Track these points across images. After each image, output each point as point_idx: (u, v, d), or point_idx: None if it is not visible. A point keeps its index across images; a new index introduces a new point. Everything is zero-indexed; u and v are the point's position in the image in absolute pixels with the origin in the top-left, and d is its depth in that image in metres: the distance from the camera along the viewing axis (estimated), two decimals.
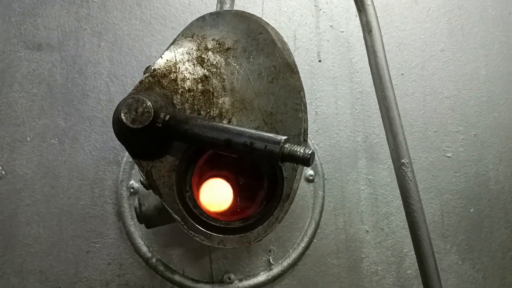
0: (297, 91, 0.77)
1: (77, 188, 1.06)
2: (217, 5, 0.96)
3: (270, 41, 0.78)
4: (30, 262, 1.03)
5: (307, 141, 0.75)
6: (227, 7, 0.97)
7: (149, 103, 0.65)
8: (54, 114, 1.08)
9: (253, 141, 0.65)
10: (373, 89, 1.16)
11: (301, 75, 1.12)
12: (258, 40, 0.78)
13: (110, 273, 1.05)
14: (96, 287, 1.04)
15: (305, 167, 1.08)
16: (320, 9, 1.14)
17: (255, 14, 1.12)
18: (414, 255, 1.12)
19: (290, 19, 1.13)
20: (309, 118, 1.11)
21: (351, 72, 1.15)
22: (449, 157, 1.18)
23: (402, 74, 1.18)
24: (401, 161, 0.93)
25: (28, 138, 1.07)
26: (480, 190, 1.20)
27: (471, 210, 1.18)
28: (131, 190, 1.05)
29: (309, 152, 0.62)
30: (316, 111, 1.13)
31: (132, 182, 1.06)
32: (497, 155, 1.23)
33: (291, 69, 0.77)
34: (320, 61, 1.14)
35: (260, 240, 0.74)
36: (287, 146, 0.63)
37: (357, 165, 1.13)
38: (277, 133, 0.71)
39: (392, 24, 1.18)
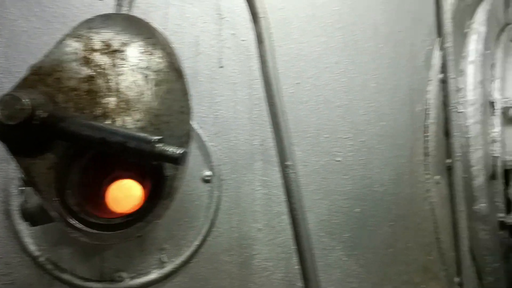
0: (183, 94, 0.81)
1: None
2: (115, 7, 0.98)
3: (158, 45, 0.82)
4: None
5: (190, 142, 0.79)
6: (124, 10, 0.99)
7: (25, 100, 0.66)
8: None
9: (127, 140, 0.68)
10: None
11: (202, 79, 1.17)
12: (146, 44, 0.81)
13: None
14: None
15: (203, 169, 1.12)
16: (223, 18, 1.19)
17: (157, 18, 1.15)
18: None
19: (193, 25, 1.17)
20: (208, 121, 1.17)
21: (251, 79, 1.22)
22: (338, 161, 1.28)
23: (298, 83, 1.26)
24: (285, 163, 1.01)
25: None
26: (365, 191, 1.31)
27: (357, 210, 1.29)
28: (21, 188, 1.04)
29: (180, 152, 0.66)
30: (215, 115, 1.18)
31: None
32: (382, 160, 1.35)
33: (179, 73, 0.81)
34: (221, 67, 1.19)
35: (140, 236, 0.77)
36: (158, 145, 0.67)
37: (253, 167, 1.20)
38: (162, 134, 0.75)
39: (291, 36, 1.26)
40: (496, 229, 1.61)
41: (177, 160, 0.66)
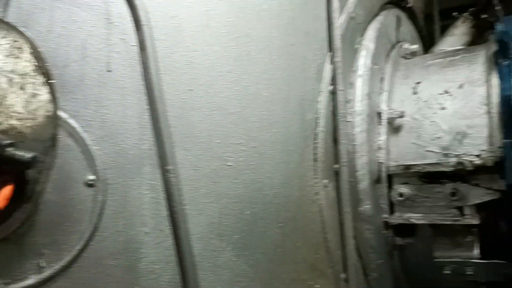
0: (50, 99, 0.81)
1: None
2: None
3: (25, 49, 0.81)
4: None
5: (56, 146, 0.79)
6: None
7: None
8: None
9: None
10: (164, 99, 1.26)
11: (89, 83, 1.17)
12: (12, 47, 0.80)
13: None
14: None
15: (87, 173, 1.12)
16: (112, 22, 1.20)
17: (43, 21, 1.13)
18: None
19: (80, 28, 1.16)
20: (95, 125, 1.16)
21: (141, 84, 1.23)
22: (230, 165, 1.34)
23: (191, 90, 1.30)
24: (166, 167, 1.04)
25: None
26: (256, 195, 1.38)
27: (247, 212, 1.36)
28: None
29: (29, 156, 0.67)
30: (102, 119, 1.17)
31: None
32: (273, 165, 1.43)
33: (46, 77, 0.81)
34: (109, 71, 1.19)
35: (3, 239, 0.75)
36: (8, 149, 0.67)
37: (142, 171, 1.21)
38: (25, 138, 0.74)
39: (183, 44, 1.29)
40: (380, 229, 1.76)
41: (27, 164, 0.66)
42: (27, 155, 0.65)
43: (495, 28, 1.67)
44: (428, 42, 2.59)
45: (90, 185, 1.13)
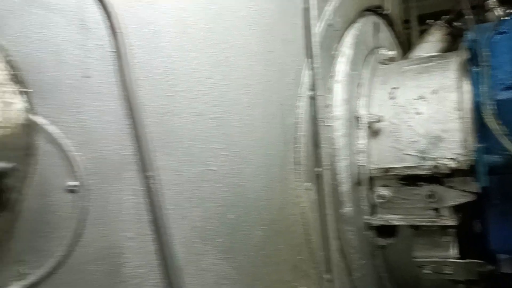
0: (25, 107, 0.81)
1: None
2: None
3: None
4: None
5: (33, 155, 0.79)
6: None
7: None
8: None
9: None
10: (142, 106, 1.27)
11: (65, 89, 1.17)
12: None
13: None
14: None
15: (67, 179, 1.12)
16: (88, 28, 1.21)
17: (15, 26, 1.13)
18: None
19: (54, 33, 1.16)
20: (74, 131, 1.17)
21: (119, 90, 1.24)
22: (212, 170, 1.36)
23: (171, 96, 1.32)
24: (146, 174, 1.05)
25: None
26: (239, 199, 1.40)
27: (231, 216, 1.37)
28: None
29: (3, 166, 0.67)
30: (81, 125, 1.18)
31: None
32: (255, 169, 1.46)
33: (22, 85, 0.82)
34: (87, 77, 1.20)
35: None
36: None
37: (123, 176, 1.22)
38: (2, 146, 0.74)
39: (161, 50, 1.31)
40: (362, 230, 1.79)
41: (2, 174, 0.67)
42: (2, 165, 0.65)
43: (465, 36, 1.73)
44: (407, 47, 2.66)
45: (71, 191, 1.13)
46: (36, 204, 1.07)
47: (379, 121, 1.80)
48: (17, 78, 0.78)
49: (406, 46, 2.70)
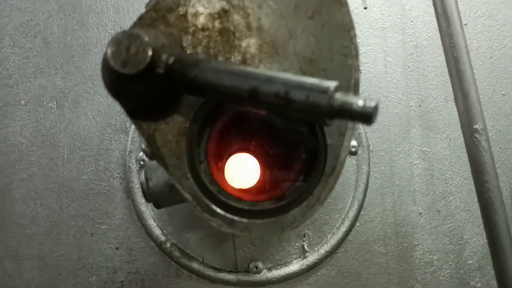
0: (346, 29, 0.57)
1: (79, 160, 0.91)
2: None
3: None
4: (26, 246, 0.90)
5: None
6: None
7: (146, 39, 0.47)
8: (52, 73, 0.93)
9: (289, 89, 0.46)
10: (430, 42, 0.96)
11: None
12: None
13: (118, 259, 0.90)
14: (102, 275, 0.90)
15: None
16: None
17: None
18: (476, 243, 0.95)
19: None
20: None
21: (403, 22, 0.95)
22: None
23: (465, 25, 0.97)
24: (474, 127, 0.73)
25: (23, 102, 0.92)
26: None
27: None
28: (142, 162, 0.90)
29: (372, 105, 0.43)
30: (360, 69, 0.93)
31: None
32: None
33: (340, 0, 0.58)
34: (365, 8, 0.94)
35: (297, 226, 0.57)
36: (338, 96, 0.44)
37: (410, 134, 0.94)
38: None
39: None
40: None
41: (369, 117, 0.43)
42: (368, 103, 0.41)
43: None
44: None
45: (352, 152, 0.91)
46: None
47: None
48: None
49: None
